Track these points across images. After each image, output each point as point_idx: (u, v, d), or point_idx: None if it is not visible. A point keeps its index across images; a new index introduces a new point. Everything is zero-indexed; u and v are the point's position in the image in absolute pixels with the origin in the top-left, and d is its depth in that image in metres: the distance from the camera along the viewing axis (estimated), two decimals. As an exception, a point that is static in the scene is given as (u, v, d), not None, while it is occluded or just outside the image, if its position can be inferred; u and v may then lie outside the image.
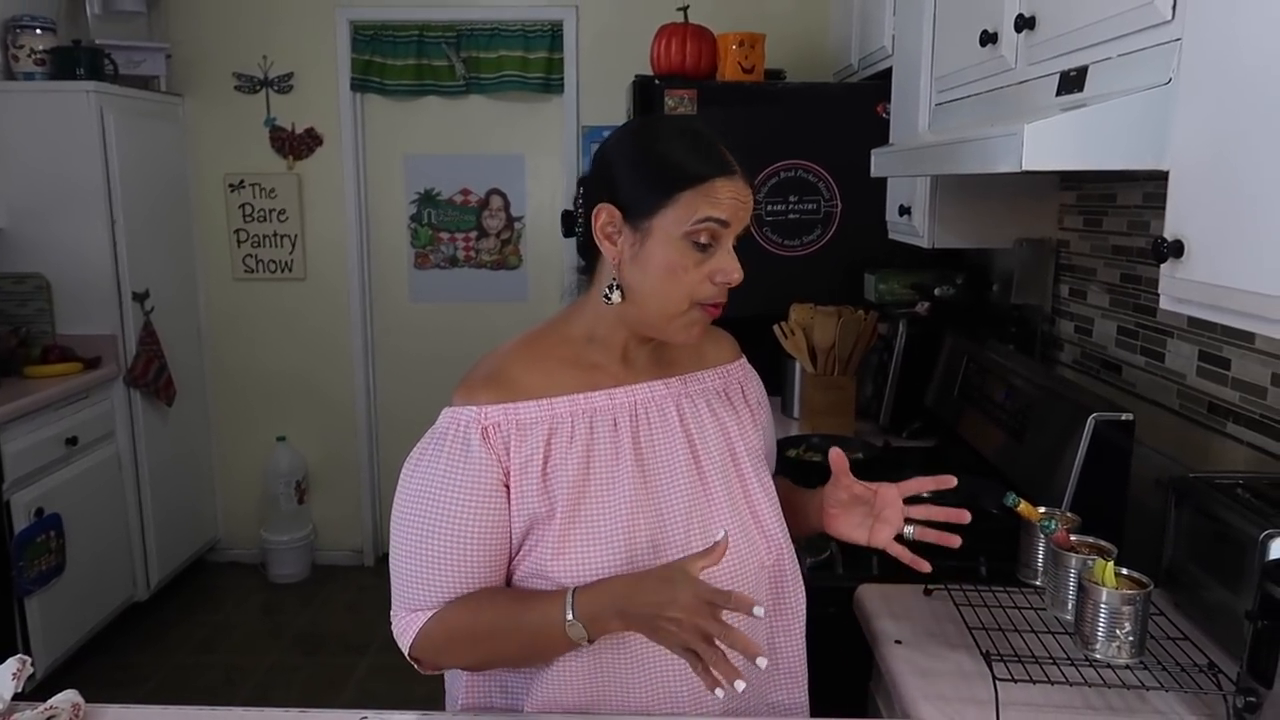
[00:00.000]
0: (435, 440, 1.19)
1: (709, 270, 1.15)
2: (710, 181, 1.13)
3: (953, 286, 2.69)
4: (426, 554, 1.16)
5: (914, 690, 1.26)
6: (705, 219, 1.13)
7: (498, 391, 1.18)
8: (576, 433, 1.18)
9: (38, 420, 3.06)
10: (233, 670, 3.33)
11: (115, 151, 3.39)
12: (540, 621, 1.10)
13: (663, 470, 1.21)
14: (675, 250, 1.14)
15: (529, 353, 1.24)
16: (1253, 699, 1.13)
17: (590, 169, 1.23)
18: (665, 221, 1.13)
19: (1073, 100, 1.46)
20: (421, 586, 1.18)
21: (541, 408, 1.18)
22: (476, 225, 4.10)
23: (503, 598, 1.16)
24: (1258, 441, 1.60)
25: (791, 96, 2.92)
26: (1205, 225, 1.13)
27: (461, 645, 1.17)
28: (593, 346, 1.23)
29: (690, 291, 1.15)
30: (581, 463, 1.17)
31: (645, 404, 1.23)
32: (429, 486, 1.17)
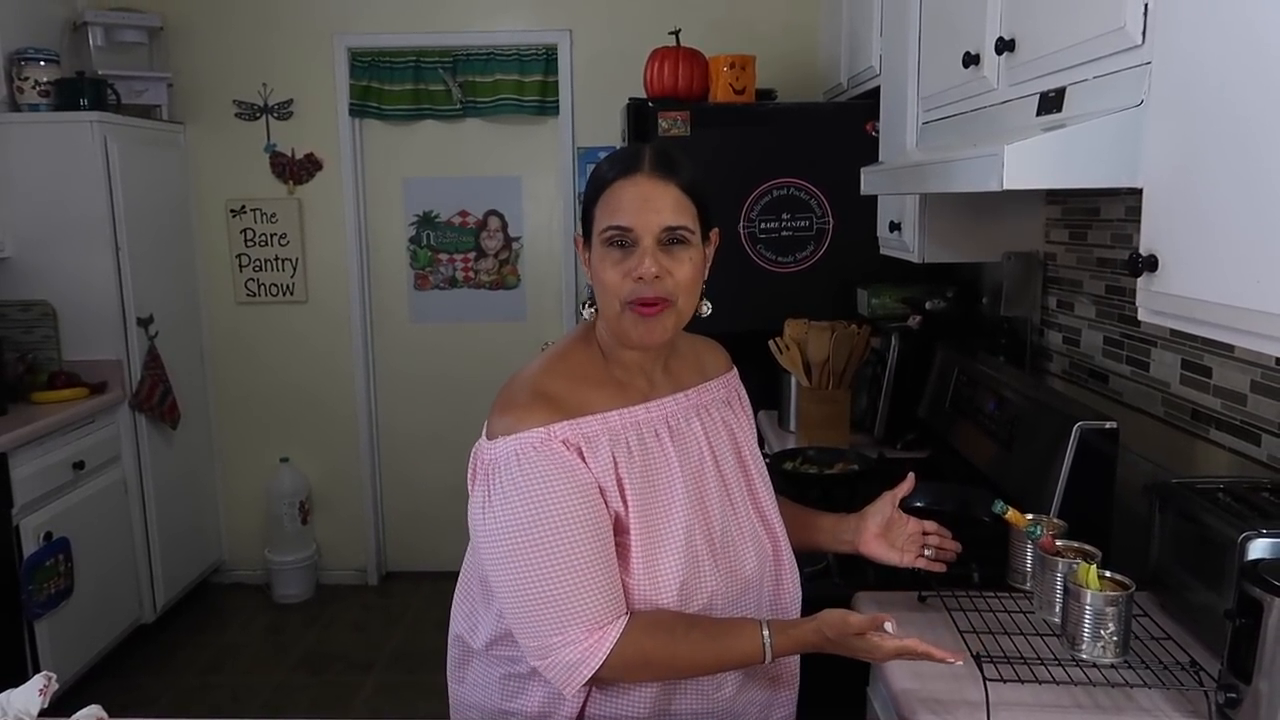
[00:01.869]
0: (518, 466, 1.18)
1: (627, 268, 1.22)
2: (609, 187, 1.23)
3: (943, 300, 2.74)
4: (570, 570, 1.16)
5: (909, 693, 1.30)
6: (606, 228, 1.22)
7: (553, 410, 1.21)
8: (632, 445, 1.24)
9: (46, 445, 3.10)
10: (240, 690, 3.36)
11: (119, 179, 3.44)
12: (740, 655, 1.20)
13: (697, 478, 1.29)
14: (599, 256, 1.24)
15: (563, 370, 1.29)
16: (1233, 695, 1.18)
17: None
18: (595, 231, 1.24)
19: (1052, 120, 1.52)
20: (588, 602, 1.16)
21: (599, 422, 1.23)
22: (475, 246, 4.16)
23: (696, 626, 1.22)
24: (1239, 447, 1.65)
25: (782, 116, 2.98)
26: (1176, 240, 1.19)
27: (658, 668, 1.21)
28: (615, 363, 1.30)
29: (616, 289, 1.22)
30: (643, 474, 1.24)
31: (674, 416, 1.31)
32: (541, 508, 1.16)
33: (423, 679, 3.41)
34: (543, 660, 1.19)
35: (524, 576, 1.17)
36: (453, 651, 1.41)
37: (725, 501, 1.32)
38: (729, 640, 1.20)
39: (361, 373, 4.17)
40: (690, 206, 1.24)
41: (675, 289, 1.22)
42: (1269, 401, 1.58)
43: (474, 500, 1.24)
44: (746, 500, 1.36)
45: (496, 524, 1.19)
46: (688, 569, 1.24)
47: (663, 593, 1.23)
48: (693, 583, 1.26)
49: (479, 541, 1.24)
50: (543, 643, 1.18)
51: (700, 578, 1.26)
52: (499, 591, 1.22)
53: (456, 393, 4.19)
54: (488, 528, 1.20)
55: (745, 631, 1.20)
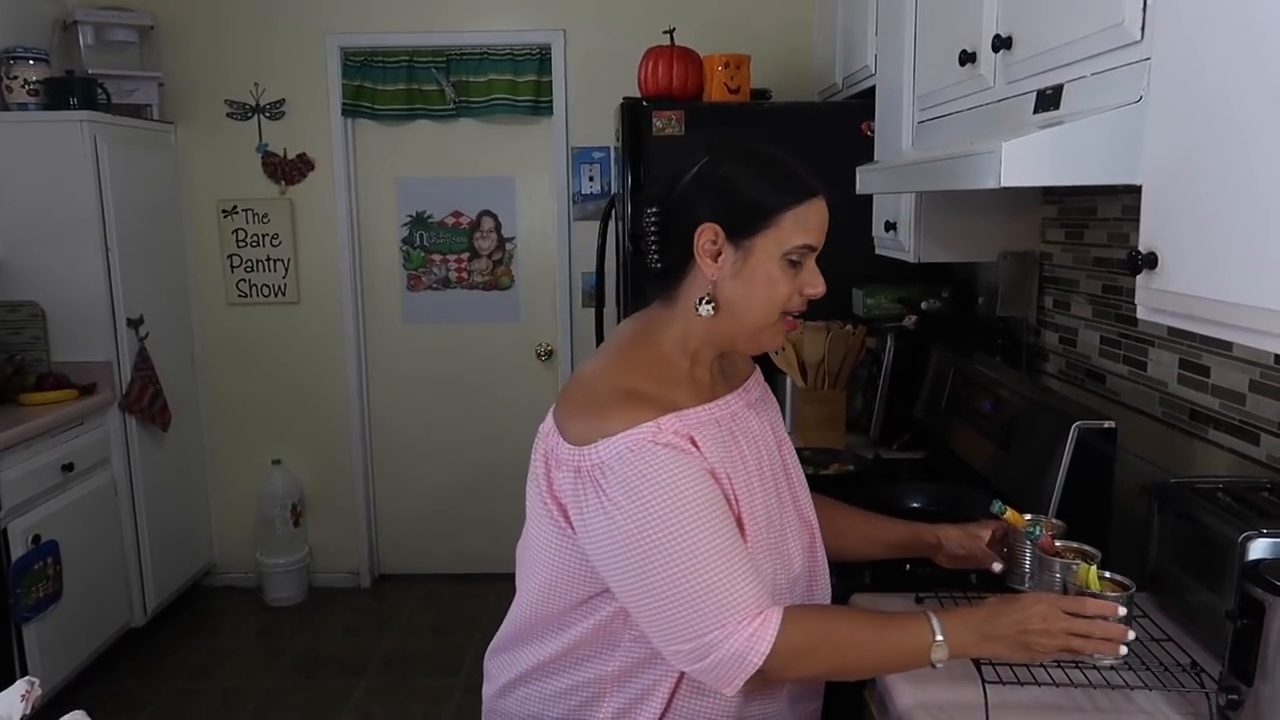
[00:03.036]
0: (634, 461, 1.13)
1: (799, 284, 1.23)
2: (806, 203, 1.22)
3: (939, 300, 2.73)
4: (716, 558, 1.12)
5: (907, 696, 1.29)
6: (800, 245, 1.21)
7: (650, 408, 1.17)
8: (720, 440, 1.23)
9: (34, 447, 3.07)
10: (230, 695, 3.33)
11: (109, 179, 3.41)
12: (906, 642, 1.14)
13: (756, 472, 1.28)
14: (775, 267, 1.21)
15: (642, 370, 1.24)
16: (1234, 696, 1.16)
17: (680, 191, 1.25)
18: (766, 241, 1.20)
19: (1050, 118, 1.51)
20: (742, 587, 1.12)
21: (696, 415, 1.22)
22: (468, 247, 4.14)
23: (857, 614, 1.25)
24: (1238, 447, 1.64)
25: (777, 116, 2.97)
26: (1176, 237, 1.17)
27: (823, 652, 1.17)
28: (688, 361, 1.28)
29: (783, 304, 1.23)
30: (735, 470, 1.23)
31: (738, 414, 1.31)
32: (673, 499, 1.12)
33: (415, 682, 3.39)
34: (701, 661, 1.12)
35: (667, 575, 1.11)
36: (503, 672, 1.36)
37: (784, 499, 1.33)
38: (890, 620, 1.18)
39: (354, 374, 4.14)
40: None
41: None
42: (1268, 401, 1.57)
43: (583, 511, 1.15)
44: (792, 494, 1.36)
45: (621, 527, 1.12)
46: (780, 565, 1.27)
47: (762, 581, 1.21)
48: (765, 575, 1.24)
49: (599, 550, 1.15)
50: (699, 642, 1.11)
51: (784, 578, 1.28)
52: (634, 598, 1.14)
53: (450, 394, 4.17)
54: (611, 533, 1.13)
55: (906, 622, 1.15)
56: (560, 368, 4.12)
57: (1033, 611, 1.12)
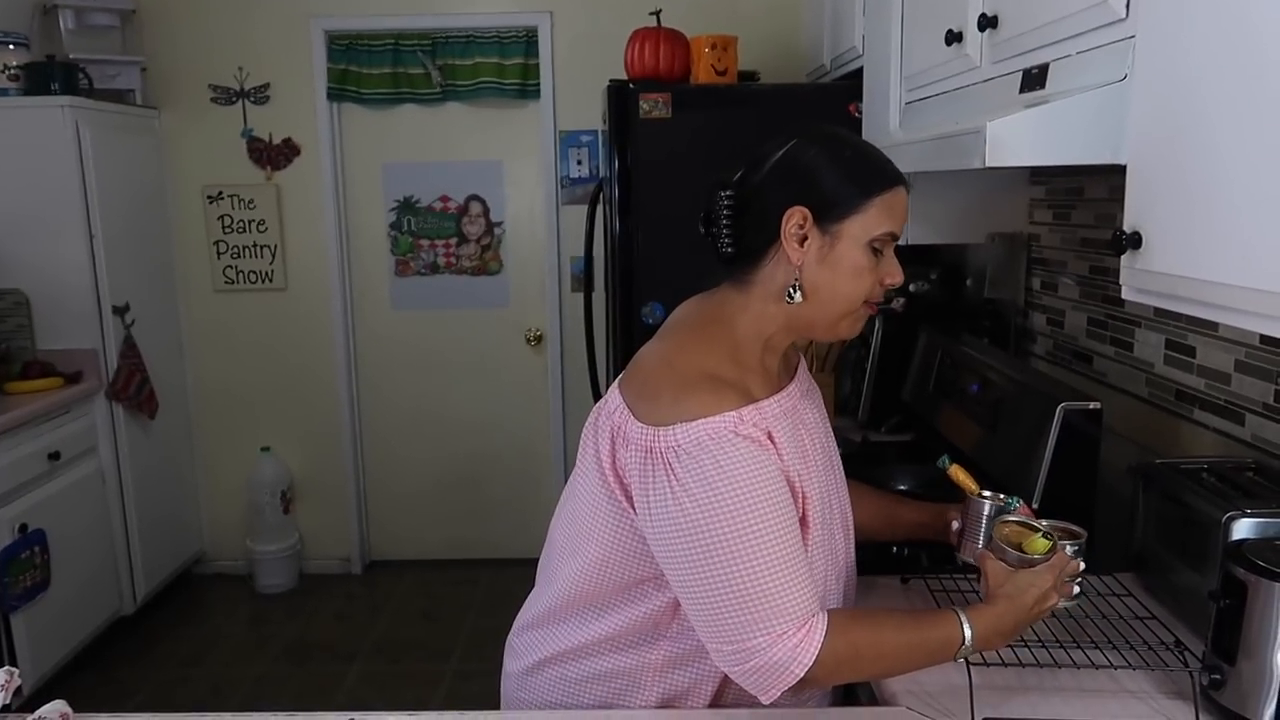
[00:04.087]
0: (712, 453, 1.10)
1: (881, 273, 1.22)
2: (893, 190, 1.20)
3: (927, 282, 2.72)
4: (777, 562, 1.10)
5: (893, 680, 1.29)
6: (886, 232, 1.20)
7: (733, 394, 1.15)
8: (791, 434, 1.21)
9: (19, 436, 3.05)
10: (221, 682, 3.33)
11: (92, 165, 3.38)
12: (942, 641, 1.15)
13: (816, 467, 1.26)
14: (861, 254, 1.19)
15: (719, 354, 1.21)
16: (1217, 676, 1.17)
17: (765, 174, 1.22)
18: (854, 227, 1.18)
19: (1035, 97, 1.50)
20: (796, 595, 1.10)
21: (763, 411, 1.18)
22: (456, 232, 4.11)
23: (894, 616, 1.21)
24: (1223, 427, 1.64)
25: (765, 98, 2.94)
26: (1161, 217, 1.17)
27: (867, 660, 1.16)
28: (761, 348, 1.24)
29: (867, 292, 1.21)
30: (801, 464, 1.20)
31: (798, 406, 1.29)
32: (744, 497, 1.09)
33: (407, 668, 3.39)
34: (742, 665, 1.10)
35: (725, 572, 1.09)
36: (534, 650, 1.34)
37: (840, 491, 1.33)
38: (925, 620, 1.18)
39: (343, 360, 4.13)
40: None
41: None
42: (1253, 381, 1.57)
43: (649, 493, 1.13)
44: (838, 489, 1.34)
45: (689, 515, 1.09)
46: (831, 562, 1.28)
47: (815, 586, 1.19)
48: (818, 573, 1.24)
49: (660, 534, 1.13)
50: (743, 645, 1.09)
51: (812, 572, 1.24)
52: (687, 589, 1.12)
53: (439, 380, 4.15)
54: (675, 519, 1.10)
55: (938, 622, 1.17)
56: (549, 352, 4.10)
57: (1044, 590, 1.18)
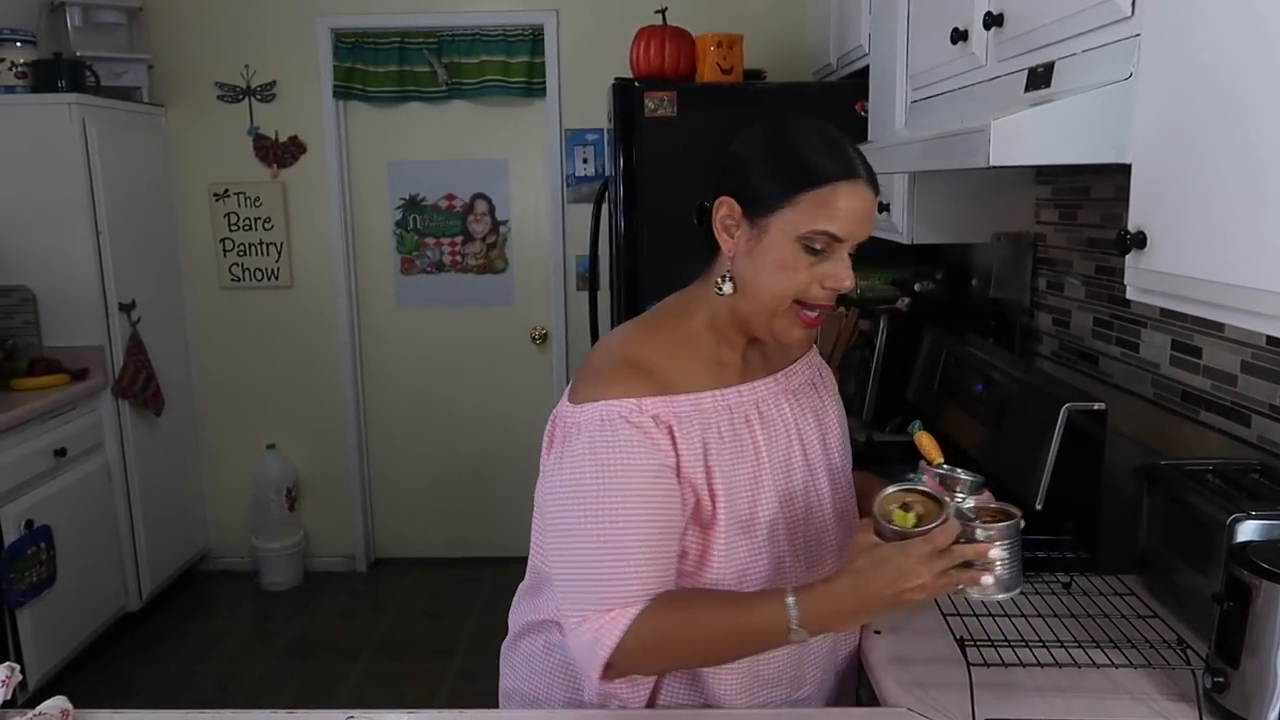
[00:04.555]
0: (599, 432, 1.13)
1: (820, 274, 1.15)
2: (831, 185, 1.12)
3: (932, 282, 2.72)
4: (617, 547, 1.11)
5: (891, 679, 1.28)
6: (820, 231, 1.12)
7: (647, 383, 1.16)
8: (723, 429, 1.20)
9: (26, 432, 3.06)
10: (225, 679, 3.34)
11: (99, 163, 3.39)
12: (762, 624, 1.09)
13: (783, 465, 1.25)
14: (789, 251, 1.14)
15: (659, 343, 1.22)
16: (1220, 679, 1.16)
17: (722, 164, 1.23)
18: (783, 221, 1.14)
19: (1041, 96, 1.49)
20: (614, 583, 1.11)
21: (692, 402, 1.18)
22: (462, 230, 4.12)
23: (711, 600, 1.15)
24: (1229, 428, 1.63)
25: (771, 96, 2.94)
26: (1166, 217, 1.16)
27: (675, 647, 1.14)
28: (717, 341, 1.24)
29: (798, 291, 1.16)
30: (732, 462, 1.19)
31: (764, 400, 1.26)
32: (612, 477, 1.12)
33: (410, 666, 3.39)
34: (569, 636, 1.15)
35: (572, 546, 1.13)
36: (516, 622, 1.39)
37: (812, 491, 1.27)
38: (746, 603, 1.12)
39: (348, 358, 4.13)
40: None
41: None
42: (1259, 382, 1.56)
43: (548, 463, 1.20)
44: (831, 489, 1.31)
45: (562, 485, 1.14)
46: (772, 564, 1.21)
47: (745, 588, 1.20)
48: (776, 579, 1.21)
49: (543, 502, 1.21)
50: (566, 619, 1.15)
51: (783, 573, 1.23)
52: (551, 556, 1.19)
53: (444, 378, 4.16)
54: (553, 488, 1.17)
55: (761, 603, 1.10)
56: (554, 351, 4.10)
57: (904, 568, 1.04)
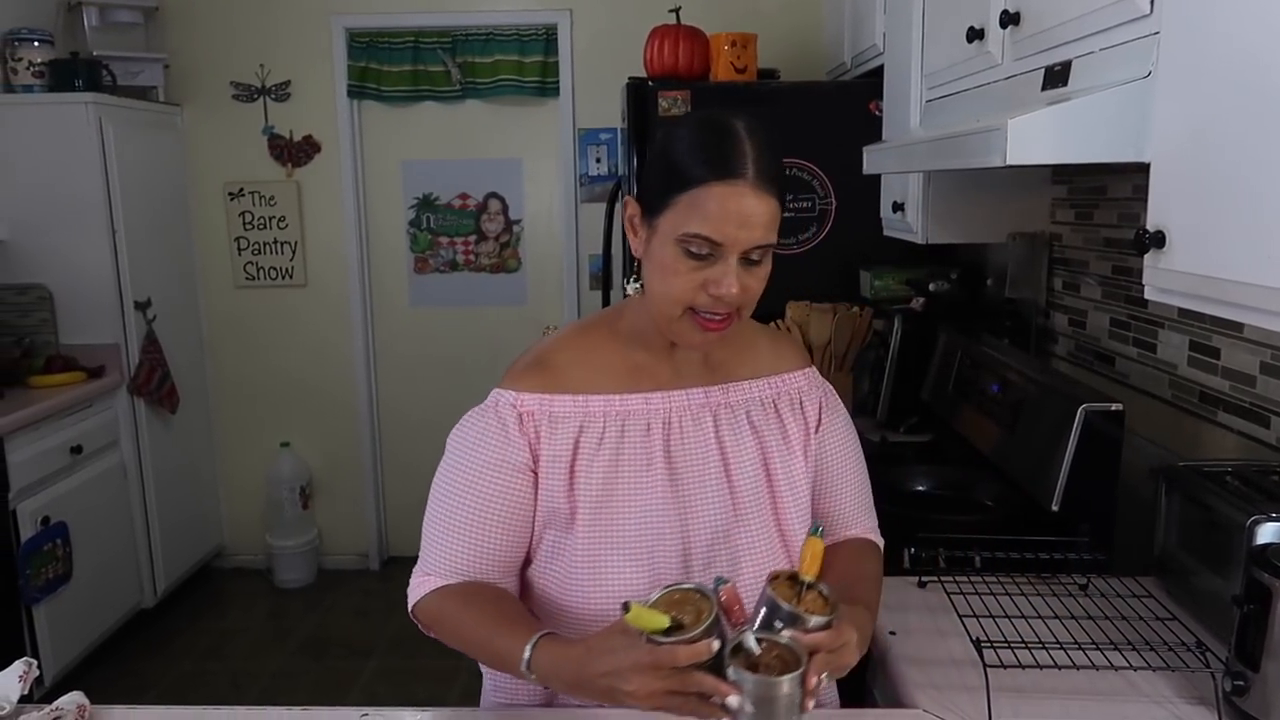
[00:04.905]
0: (476, 415, 1.21)
1: (704, 280, 1.09)
2: (704, 187, 1.06)
3: (947, 282, 2.71)
4: (449, 522, 1.18)
5: (907, 679, 1.28)
6: (692, 234, 1.07)
7: (538, 380, 1.19)
8: (607, 435, 1.17)
9: (42, 429, 3.08)
10: (239, 676, 3.35)
11: (115, 162, 3.41)
12: (503, 652, 1.08)
13: (694, 483, 1.19)
14: (670, 254, 1.10)
15: (578, 343, 1.24)
16: (1240, 682, 1.15)
17: None
18: (666, 223, 1.10)
19: (1057, 95, 1.48)
20: (438, 552, 1.19)
21: (576, 403, 1.18)
22: (475, 229, 4.12)
23: (489, 610, 1.14)
24: (1247, 429, 1.62)
25: (784, 96, 2.93)
26: (1185, 216, 1.15)
27: (445, 631, 1.19)
28: (639, 344, 1.22)
29: (683, 297, 1.11)
30: (609, 467, 1.17)
31: (681, 411, 1.21)
32: (462, 457, 1.19)
33: (422, 664, 3.40)
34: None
35: (429, 505, 1.23)
36: None
37: (728, 514, 1.20)
38: (505, 627, 1.09)
39: (361, 357, 4.15)
40: (780, 216, 1.11)
41: (746, 301, 1.12)
42: (1279, 383, 1.54)
43: None
44: (763, 516, 1.22)
45: (445, 454, 1.23)
46: (650, 579, 1.15)
47: (608, 606, 1.15)
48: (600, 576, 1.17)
49: None
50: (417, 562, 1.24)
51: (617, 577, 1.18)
52: None
53: (457, 377, 4.16)
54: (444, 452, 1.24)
55: (517, 633, 1.06)
56: (567, 350, 4.10)
57: (619, 668, 0.94)
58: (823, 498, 1.30)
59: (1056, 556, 1.52)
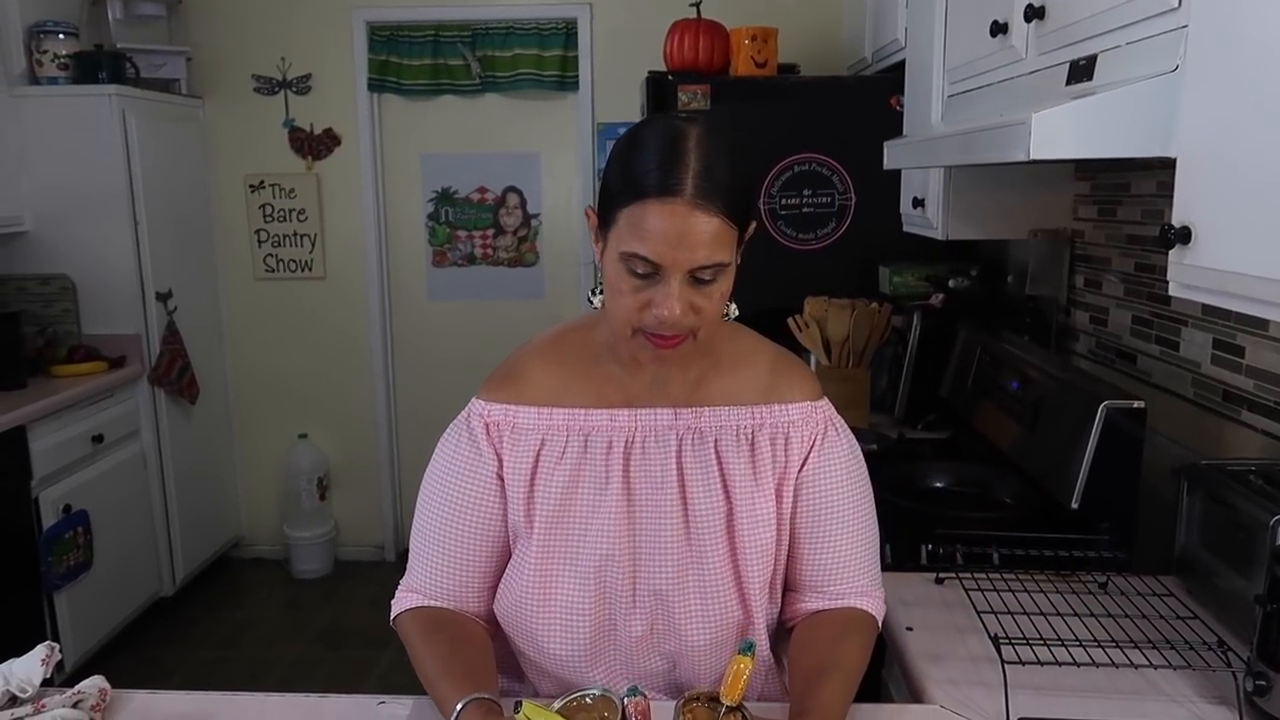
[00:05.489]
0: (453, 426, 1.22)
1: (647, 299, 1.04)
2: (641, 203, 1.01)
3: (967, 278, 2.69)
4: (426, 534, 1.21)
5: (924, 675, 1.27)
6: (629, 253, 1.02)
7: (507, 390, 1.19)
8: (568, 449, 1.16)
9: (65, 418, 3.11)
10: (257, 664, 3.38)
11: (137, 153, 3.44)
12: (439, 701, 1.09)
13: (650, 508, 1.15)
14: (614, 271, 1.05)
15: (552, 352, 1.21)
16: (1263, 682, 1.14)
17: None
18: (613, 238, 1.05)
19: (1082, 89, 1.46)
20: (419, 567, 1.22)
21: (541, 416, 1.17)
22: (493, 223, 4.13)
23: (443, 653, 1.13)
24: (1272, 429, 1.60)
25: (805, 90, 2.92)
26: (1212, 211, 1.14)
27: (408, 654, 1.19)
28: (613, 356, 1.18)
29: (629, 317, 1.06)
30: (567, 482, 1.15)
31: (645, 431, 1.16)
32: (437, 472, 1.21)
33: (438, 655, 3.41)
34: None
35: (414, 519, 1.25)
36: None
37: (682, 544, 1.15)
38: (446, 678, 1.09)
39: (379, 349, 4.16)
40: (731, 231, 1.04)
41: (698, 322, 1.06)
42: (1304, 382, 1.52)
43: None
44: (719, 552, 1.15)
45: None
46: (601, 602, 1.15)
47: (554, 621, 1.15)
48: (606, 624, 1.16)
49: None
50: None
51: (614, 620, 1.16)
52: None
53: (474, 371, 4.11)
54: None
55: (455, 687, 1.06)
56: (584, 345, 4.10)
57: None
58: (805, 546, 1.20)
59: (1076, 554, 1.52)
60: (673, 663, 1.19)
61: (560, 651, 1.17)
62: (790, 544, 1.20)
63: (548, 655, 1.18)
